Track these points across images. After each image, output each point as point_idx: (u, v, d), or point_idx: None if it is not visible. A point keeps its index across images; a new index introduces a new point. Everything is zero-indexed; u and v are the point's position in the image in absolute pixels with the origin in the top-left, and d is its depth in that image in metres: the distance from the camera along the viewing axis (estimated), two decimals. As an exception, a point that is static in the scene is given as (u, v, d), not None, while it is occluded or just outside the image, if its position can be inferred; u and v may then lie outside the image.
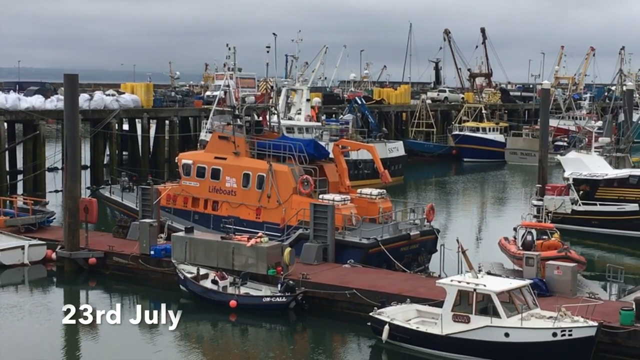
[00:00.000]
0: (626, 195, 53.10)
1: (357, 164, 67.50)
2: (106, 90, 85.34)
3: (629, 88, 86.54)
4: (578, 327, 26.88)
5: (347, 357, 30.41)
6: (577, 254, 39.13)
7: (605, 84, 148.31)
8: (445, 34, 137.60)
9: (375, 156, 47.92)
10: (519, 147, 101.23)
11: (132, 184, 51.48)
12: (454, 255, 34.56)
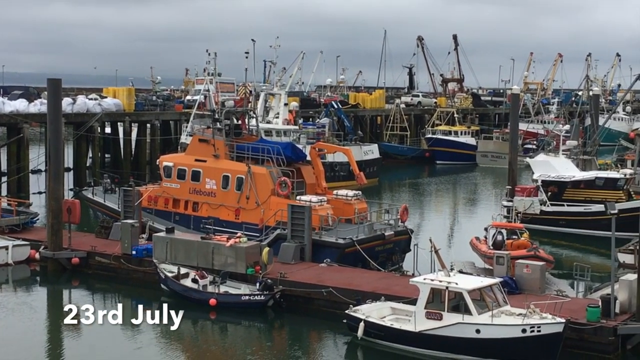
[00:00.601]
0: (592, 196, 53.36)
1: (333, 166, 67.50)
2: (89, 94, 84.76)
3: (595, 93, 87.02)
4: (546, 323, 27.03)
5: (323, 354, 30.38)
6: (546, 253, 39.32)
7: (572, 89, 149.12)
8: (419, 40, 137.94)
9: (351, 159, 47.92)
10: (489, 149, 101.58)
11: (114, 185, 51.28)
12: (427, 255, 34.71)
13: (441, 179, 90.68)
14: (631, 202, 47.73)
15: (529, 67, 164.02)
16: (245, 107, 56.43)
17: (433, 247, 32.34)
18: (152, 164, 73.12)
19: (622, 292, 29.70)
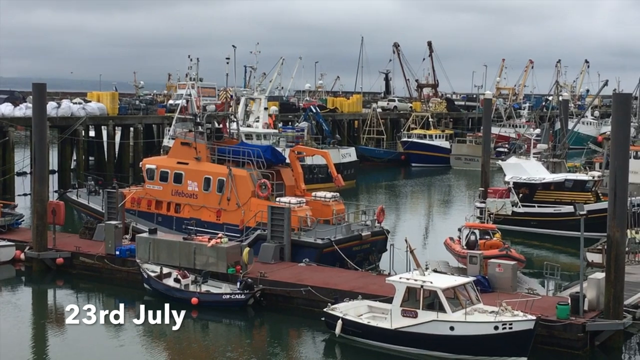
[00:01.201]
0: (562, 197, 53.69)
1: (312, 169, 67.49)
2: (73, 98, 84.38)
3: (564, 98, 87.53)
4: (518, 320, 27.14)
5: (302, 351, 30.37)
6: (517, 253, 39.48)
7: (543, 94, 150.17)
8: (395, 47, 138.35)
9: (329, 161, 47.99)
10: (463, 153, 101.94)
11: (98, 187, 51.02)
12: (402, 254, 34.78)
13: (416, 181, 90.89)
14: (599, 204, 48.00)
15: (501, 73, 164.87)
16: (226, 111, 56.50)
17: (408, 247, 32.43)
18: (135, 167, 72.83)
19: (591, 290, 29.89)
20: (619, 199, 29.75)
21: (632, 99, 41.17)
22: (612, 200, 29.84)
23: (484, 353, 27.52)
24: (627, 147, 32.12)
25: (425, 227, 61.74)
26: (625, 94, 36.59)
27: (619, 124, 31.19)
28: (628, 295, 31.16)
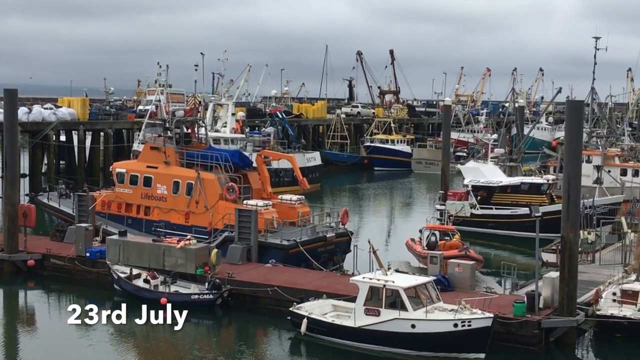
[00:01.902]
0: (518, 200, 54.09)
1: (278, 173, 67.35)
2: (44, 104, 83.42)
3: (520, 105, 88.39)
4: (476, 318, 27.32)
5: (268, 349, 30.28)
6: (476, 253, 39.73)
7: (499, 101, 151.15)
8: (358, 55, 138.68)
9: (294, 165, 48.02)
10: (423, 157, 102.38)
11: (69, 191, 50.48)
12: (365, 255, 34.80)
13: (379, 184, 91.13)
14: (553, 206, 48.36)
15: (459, 81, 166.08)
16: (195, 117, 56.08)
17: (372, 248, 32.45)
18: (106, 171, 72.13)
19: (546, 288, 30.15)
20: (572, 202, 30.08)
21: (584, 106, 41.60)
22: (566, 202, 30.15)
23: (444, 350, 27.65)
24: (580, 152, 32.42)
25: (388, 229, 61.91)
26: (577, 101, 37.05)
27: (572, 129, 31.54)
28: (581, 293, 31.51)
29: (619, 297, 31.20)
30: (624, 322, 29.78)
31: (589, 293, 32.50)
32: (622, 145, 72.12)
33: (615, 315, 30.07)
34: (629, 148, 70.08)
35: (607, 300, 31.21)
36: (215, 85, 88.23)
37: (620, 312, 30.25)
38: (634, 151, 67.57)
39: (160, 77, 78.69)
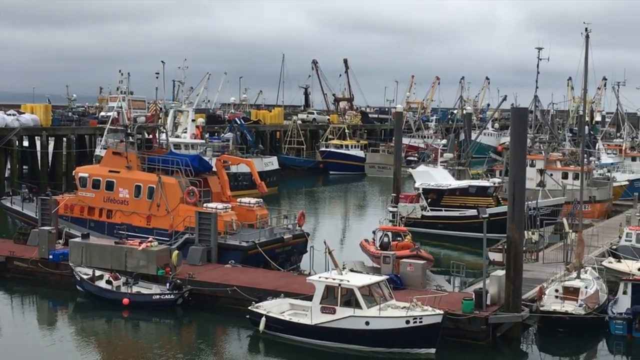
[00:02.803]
0: (466, 202, 54.55)
1: (237, 177, 67.14)
2: (7, 110, 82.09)
3: (468, 112, 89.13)
4: (427, 315, 27.47)
5: (228, 346, 30.11)
6: (426, 253, 39.91)
7: (448, 108, 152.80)
8: (314, 64, 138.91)
9: (253, 169, 47.83)
10: (376, 161, 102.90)
11: (32, 195, 49.75)
12: (321, 255, 34.87)
13: (334, 188, 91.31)
14: (499, 207, 48.88)
15: (410, 89, 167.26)
16: (156, 123, 55.77)
17: (327, 248, 32.51)
18: (68, 175, 71.15)
19: (493, 286, 30.43)
20: (517, 203, 30.42)
21: (528, 113, 42.16)
22: (511, 204, 30.48)
23: (396, 345, 27.77)
24: (524, 156, 32.78)
25: (343, 230, 62.04)
26: (522, 108, 37.49)
27: (516, 135, 31.90)
28: (525, 290, 31.84)
29: (561, 294, 31.62)
30: (566, 318, 30.21)
31: (533, 290, 32.86)
32: (563, 150, 73.25)
33: (558, 311, 30.47)
34: (569, 153, 71.16)
35: (550, 296, 31.62)
36: (175, 93, 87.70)
37: (562, 308, 30.66)
38: (574, 156, 68.63)
39: (122, 85, 78.01)
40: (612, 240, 44.06)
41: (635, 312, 30.37)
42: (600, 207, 60.21)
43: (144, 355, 28.80)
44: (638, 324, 30.05)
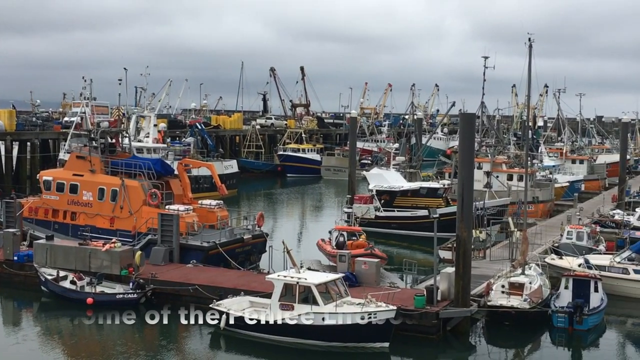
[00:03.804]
0: (418, 203, 54.92)
1: (198, 179, 66.69)
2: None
3: (418, 117, 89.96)
4: (381, 311, 27.59)
5: (189, 343, 29.85)
6: (380, 252, 40.07)
7: (400, 113, 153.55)
8: (271, 71, 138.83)
9: (213, 173, 47.65)
10: (332, 164, 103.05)
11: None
12: (280, 255, 34.82)
13: (291, 190, 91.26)
14: (449, 208, 49.31)
15: (364, 95, 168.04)
16: (119, 128, 55.17)
17: (285, 248, 32.48)
18: (33, 179, 70.01)
19: (443, 282, 30.66)
20: (466, 204, 30.71)
21: (475, 118, 42.60)
22: (460, 204, 30.76)
23: (352, 340, 27.83)
24: (472, 159, 33.14)
25: (300, 230, 62.02)
26: (469, 114, 37.88)
27: (465, 139, 32.22)
28: (474, 286, 32.18)
29: (507, 289, 32.01)
30: (511, 312, 30.58)
31: (481, 286, 33.25)
32: (508, 153, 74.24)
33: (504, 306, 30.84)
34: (514, 155, 72.14)
35: (496, 292, 31.99)
36: (138, 99, 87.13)
37: (508, 303, 31.04)
38: (518, 158, 69.57)
39: (85, 91, 77.04)
40: (554, 238, 44.78)
41: (576, 306, 30.90)
42: (543, 207, 61.11)
43: (107, 353, 28.43)
44: (579, 317, 30.57)
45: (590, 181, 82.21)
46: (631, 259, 37.12)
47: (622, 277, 36.39)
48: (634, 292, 36.11)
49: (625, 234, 45.71)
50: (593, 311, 31.40)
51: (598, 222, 50.92)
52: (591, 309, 31.45)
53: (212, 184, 53.45)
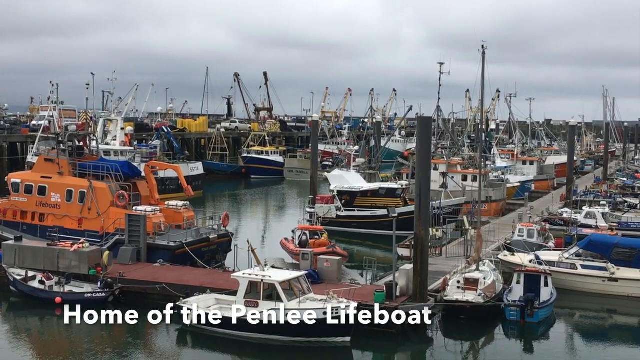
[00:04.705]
0: (377, 203, 55.20)
1: (164, 181, 66.13)
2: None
3: (377, 120, 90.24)
4: (343, 306, 27.63)
5: (157, 340, 29.58)
6: (341, 250, 40.21)
7: (360, 117, 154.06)
8: (235, 76, 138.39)
9: (179, 174, 47.36)
10: (294, 166, 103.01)
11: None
12: (245, 254, 34.67)
13: (255, 191, 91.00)
14: (407, 207, 49.62)
15: (325, 99, 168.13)
16: (87, 131, 54.51)
17: (250, 247, 32.33)
18: (1, 181, 68.80)
19: (402, 279, 30.85)
20: (423, 203, 30.91)
21: (431, 122, 42.92)
22: (418, 204, 30.96)
23: (315, 335, 27.82)
24: (429, 161, 33.37)
25: (264, 230, 61.86)
26: (426, 117, 38.11)
27: (422, 141, 32.45)
28: (431, 282, 32.42)
29: (463, 285, 32.33)
30: (467, 306, 30.87)
31: (437, 282, 33.51)
32: (462, 155, 74.96)
33: (460, 300, 31.13)
34: (468, 157, 72.85)
35: (452, 287, 32.27)
36: (105, 103, 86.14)
37: (463, 297, 31.35)
38: (472, 160, 70.28)
39: (53, 95, 76.11)
40: (506, 236, 45.31)
41: (527, 300, 31.33)
42: (496, 206, 61.85)
43: (75, 350, 28.06)
44: (530, 310, 30.99)
45: (539, 181, 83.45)
46: (579, 255, 37.74)
47: (570, 272, 37.01)
48: (581, 286, 36.76)
49: (572, 231, 46.48)
50: (543, 305, 31.85)
51: (547, 220, 51.69)
52: (541, 302, 31.90)
53: (178, 185, 53.09)
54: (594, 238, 39.18)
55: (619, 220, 52.61)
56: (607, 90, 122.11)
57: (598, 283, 36.47)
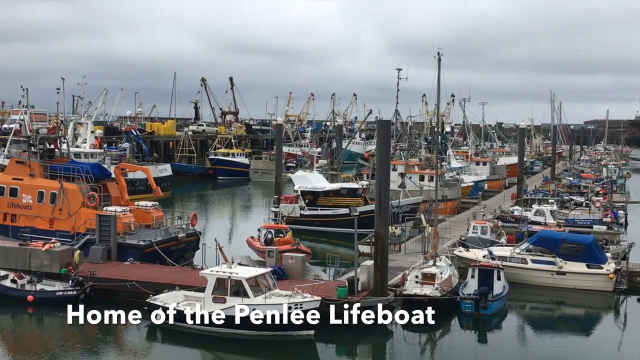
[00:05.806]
0: (339, 202, 55.33)
1: (134, 182, 65.45)
2: None
3: (339, 123, 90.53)
4: (307, 301, 27.63)
5: (127, 336, 29.23)
6: (305, 247, 40.23)
7: (322, 120, 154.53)
8: (202, 81, 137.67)
9: (149, 176, 46.92)
10: (260, 167, 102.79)
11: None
12: (212, 252, 34.47)
13: (222, 191, 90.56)
14: (367, 206, 49.82)
15: (289, 103, 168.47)
16: (57, 134, 53.76)
17: (217, 245, 32.20)
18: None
19: (363, 274, 30.93)
20: (383, 202, 31.06)
21: (390, 125, 43.17)
22: (378, 203, 31.09)
23: (281, 329, 27.75)
24: (389, 162, 33.52)
25: (231, 229, 61.57)
26: (385, 121, 38.34)
27: (381, 143, 32.59)
28: (391, 277, 32.56)
29: (421, 279, 32.54)
30: (424, 299, 31.05)
31: (397, 277, 33.66)
32: (420, 156, 75.52)
33: (418, 294, 31.31)
34: (425, 158, 73.41)
35: (411, 282, 32.46)
36: (75, 107, 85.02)
37: (421, 291, 31.55)
38: (429, 161, 70.84)
39: (24, 99, 74.89)
40: (461, 233, 45.76)
41: (481, 293, 31.68)
42: (452, 204, 62.42)
43: (47, 347, 27.62)
44: (484, 302, 31.33)
45: (492, 181, 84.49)
46: (529, 250, 38.26)
47: (521, 267, 37.51)
48: (531, 280, 37.29)
49: (523, 227, 47.16)
50: (496, 297, 32.24)
51: (500, 217, 52.37)
52: (495, 295, 32.28)
53: (147, 186, 52.66)
54: (543, 234, 39.78)
55: (566, 217, 53.51)
56: (555, 95, 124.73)
57: (547, 277, 37.03)
